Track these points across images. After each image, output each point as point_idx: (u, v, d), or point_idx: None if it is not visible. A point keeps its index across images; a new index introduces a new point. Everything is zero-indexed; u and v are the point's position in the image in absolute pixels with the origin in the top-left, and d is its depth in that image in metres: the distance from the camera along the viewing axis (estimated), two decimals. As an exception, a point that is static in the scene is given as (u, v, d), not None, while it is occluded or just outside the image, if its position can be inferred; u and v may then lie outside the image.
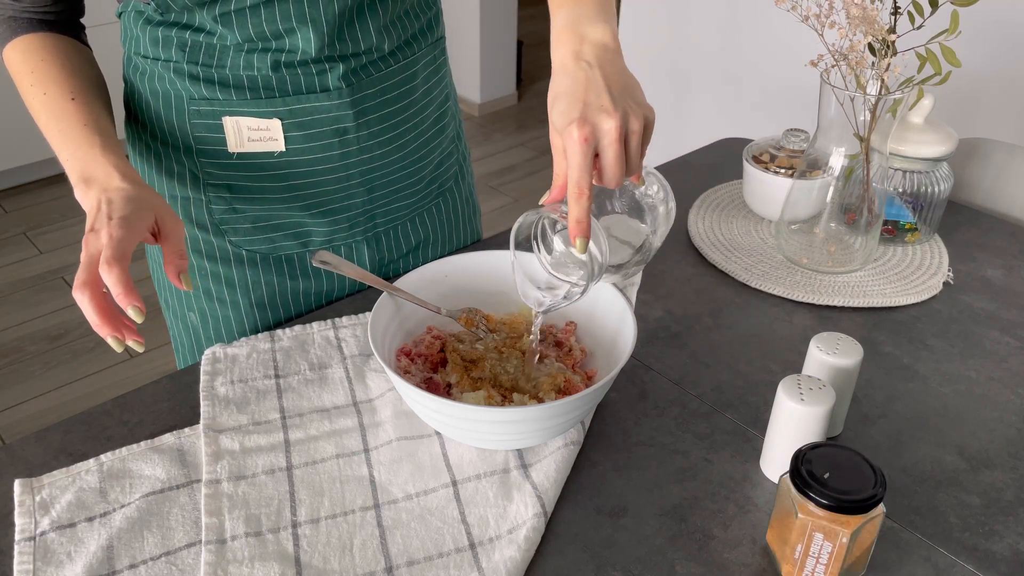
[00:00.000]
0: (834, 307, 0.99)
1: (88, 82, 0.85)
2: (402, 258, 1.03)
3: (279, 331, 0.91)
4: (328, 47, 0.85)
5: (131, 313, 0.67)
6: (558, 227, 0.74)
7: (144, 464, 0.75)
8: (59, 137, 0.80)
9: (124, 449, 0.77)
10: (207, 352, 0.87)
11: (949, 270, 1.05)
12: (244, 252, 0.94)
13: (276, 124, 0.86)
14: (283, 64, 0.84)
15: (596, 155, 0.68)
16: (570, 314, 0.88)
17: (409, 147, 0.96)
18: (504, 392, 0.80)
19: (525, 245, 0.75)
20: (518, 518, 0.71)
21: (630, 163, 0.69)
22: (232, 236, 0.93)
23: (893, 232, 1.09)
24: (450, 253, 1.07)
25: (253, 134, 0.87)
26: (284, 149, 0.88)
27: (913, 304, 1.00)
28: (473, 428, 0.73)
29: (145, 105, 0.90)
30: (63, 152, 0.79)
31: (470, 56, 3.77)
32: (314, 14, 0.82)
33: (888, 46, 0.89)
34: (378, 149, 0.93)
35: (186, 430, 0.79)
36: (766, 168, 1.11)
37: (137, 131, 0.93)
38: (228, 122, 0.86)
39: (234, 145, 0.87)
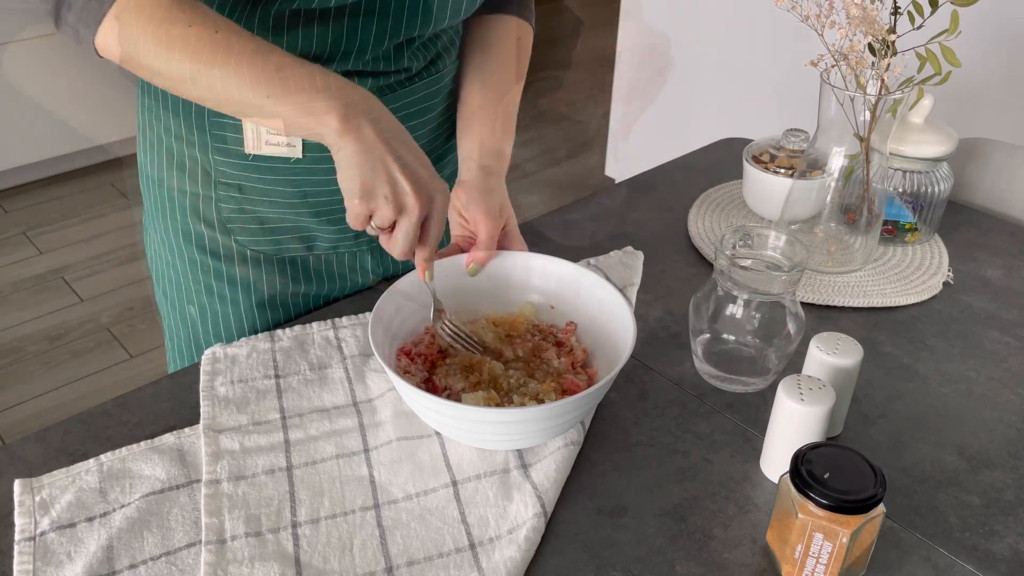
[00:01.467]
0: (834, 307, 0.99)
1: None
2: (404, 265, 1.03)
3: (279, 331, 0.91)
4: (364, 65, 0.85)
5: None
6: None
7: (144, 464, 0.75)
8: (277, 74, 0.70)
9: (124, 449, 0.77)
10: (207, 352, 0.87)
11: (949, 270, 1.05)
12: (249, 251, 0.94)
13: None
14: None
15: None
16: (570, 314, 0.87)
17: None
18: (504, 393, 0.80)
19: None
20: (518, 518, 0.71)
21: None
22: (239, 235, 0.93)
23: (893, 232, 1.09)
24: None
25: (272, 138, 0.86)
26: (301, 156, 0.87)
27: (913, 304, 1.00)
28: (473, 428, 0.73)
29: (162, 97, 0.89)
30: (296, 88, 0.70)
31: (470, 56, 3.76)
32: (364, 42, 0.82)
33: (888, 46, 0.89)
34: None
35: (186, 430, 0.79)
36: (766, 168, 1.11)
37: (150, 121, 0.92)
38: (247, 124, 0.85)
39: (252, 147, 0.87)
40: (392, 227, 0.74)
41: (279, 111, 0.70)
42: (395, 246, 0.74)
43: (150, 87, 0.91)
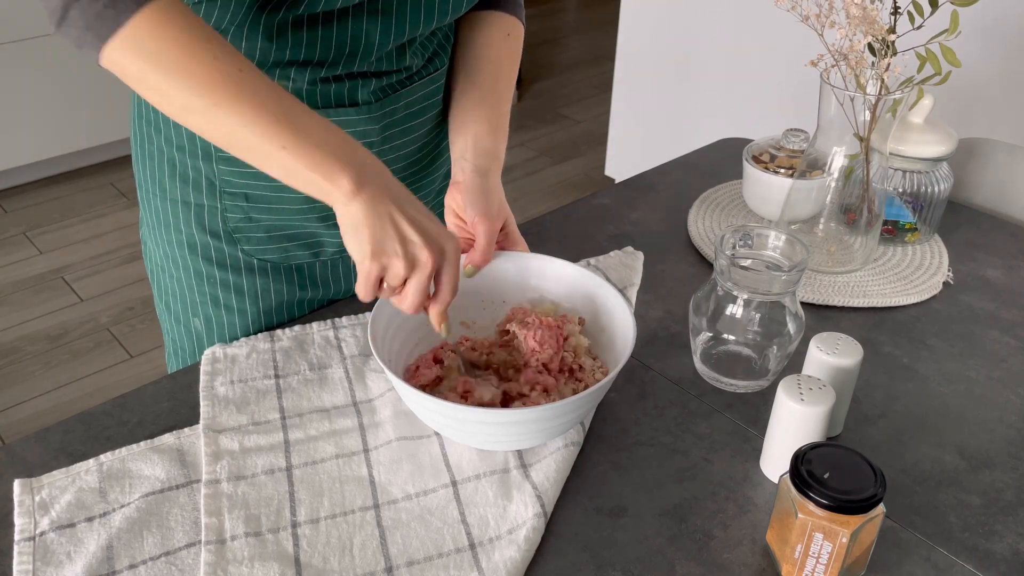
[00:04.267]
0: (834, 307, 0.99)
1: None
2: None
3: (279, 331, 0.91)
4: (368, 66, 0.84)
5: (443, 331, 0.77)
6: None
7: (144, 464, 0.75)
8: (287, 123, 0.68)
9: (124, 449, 0.77)
10: (207, 352, 0.87)
11: (949, 270, 1.05)
12: (255, 261, 0.93)
13: None
14: (320, 79, 0.83)
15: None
16: (572, 312, 0.87)
17: (425, 160, 0.97)
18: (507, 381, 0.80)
19: None
20: (518, 518, 0.71)
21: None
22: (245, 245, 0.92)
23: (893, 232, 1.09)
24: None
25: None
26: None
27: (913, 304, 1.00)
28: (473, 429, 0.73)
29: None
30: (301, 141, 0.69)
31: (470, 56, 3.76)
32: (369, 43, 0.82)
33: (888, 46, 0.89)
34: (397, 163, 0.92)
35: (186, 430, 0.79)
36: (766, 168, 1.11)
37: (149, 134, 0.91)
38: None
39: None
40: (403, 285, 0.73)
41: (290, 165, 0.69)
42: (405, 300, 0.73)
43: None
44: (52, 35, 2.73)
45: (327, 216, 0.92)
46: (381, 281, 0.73)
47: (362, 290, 0.72)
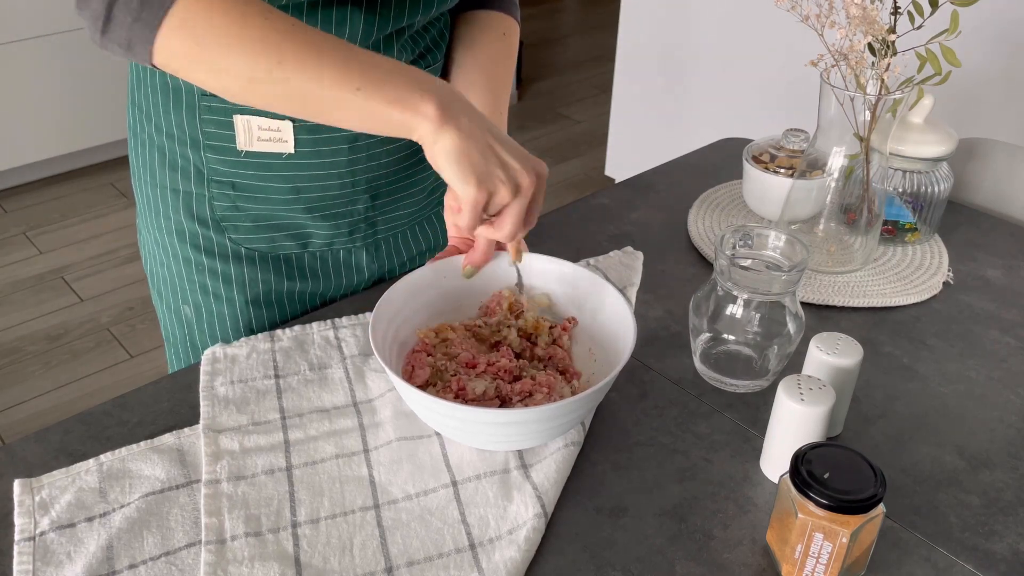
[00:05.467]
0: (834, 307, 0.99)
1: None
2: (402, 265, 1.03)
3: (279, 331, 0.91)
4: None
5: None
6: None
7: (144, 464, 0.75)
8: (371, 67, 0.67)
9: (124, 449, 0.77)
10: (207, 352, 0.87)
11: (949, 270, 1.05)
12: (243, 249, 0.94)
13: (287, 126, 0.86)
14: None
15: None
16: (570, 315, 0.87)
17: (415, 156, 0.96)
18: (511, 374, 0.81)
19: None
20: (518, 518, 0.71)
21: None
22: (232, 233, 0.93)
23: (893, 232, 1.09)
24: None
25: (263, 134, 0.86)
26: (293, 151, 0.87)
27: (913, 304, 1.00)
28: (473, 429, 0.73)
29: (152, 97, 0.89)
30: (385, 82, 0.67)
31: (470, 56, 3.76)
32: (352, 34, 0.82)
33: (888, 46, 0.89)
34: (386, 157, 0.92)
35: (186, 430, 0.79)
36: (766, 168, 1.11)
37: (141, 121, 0.92)
38: (239, 120, 0.85)
39: (243, 143, 0.87)
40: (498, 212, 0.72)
41: (369, 105, 0.67)
42: (504, 228, 0.72)
43: (141, 84, 0.90)
44: (53, 35, 2.74)
45: (312, 207, 0.92)
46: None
47: (468, 220, 0.70)
